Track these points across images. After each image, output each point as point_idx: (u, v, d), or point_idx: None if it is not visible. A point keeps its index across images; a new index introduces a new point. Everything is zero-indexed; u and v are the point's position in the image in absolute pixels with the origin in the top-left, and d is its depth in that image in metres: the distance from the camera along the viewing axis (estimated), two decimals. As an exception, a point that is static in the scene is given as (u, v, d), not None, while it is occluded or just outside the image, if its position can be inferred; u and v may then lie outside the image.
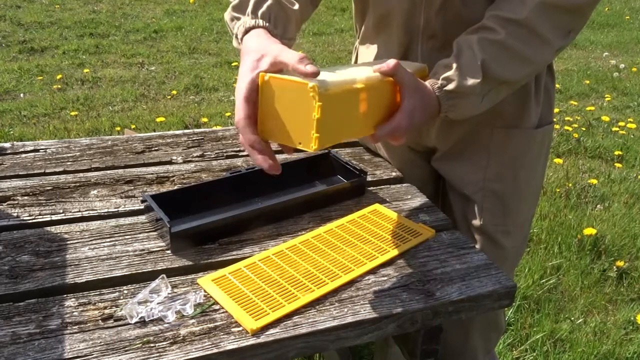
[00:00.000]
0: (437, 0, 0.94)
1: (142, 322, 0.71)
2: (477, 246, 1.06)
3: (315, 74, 0.71)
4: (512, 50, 0.85)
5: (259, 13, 0.86)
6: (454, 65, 0.86)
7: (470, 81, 0.85)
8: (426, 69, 0.93)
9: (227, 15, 0.91)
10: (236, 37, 0.87)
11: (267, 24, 0.85)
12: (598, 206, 2.70)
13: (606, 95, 4.33)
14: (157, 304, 0.74)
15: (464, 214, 1.09)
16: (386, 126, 0.80)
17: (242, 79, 0.75)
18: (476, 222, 1.06)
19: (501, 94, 0.90)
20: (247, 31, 0.85)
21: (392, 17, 0.99)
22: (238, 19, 0.88)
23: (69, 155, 1.14)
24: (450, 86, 0.85)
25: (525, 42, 0.85)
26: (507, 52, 0.85)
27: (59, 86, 4.00)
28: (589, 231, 2.32)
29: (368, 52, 1.08)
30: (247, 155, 1.17)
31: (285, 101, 0.73)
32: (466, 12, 0.92)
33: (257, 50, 0.77)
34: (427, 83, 0.87)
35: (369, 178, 1.09)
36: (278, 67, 0.75)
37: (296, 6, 0.91)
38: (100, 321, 0.71)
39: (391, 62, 0.79)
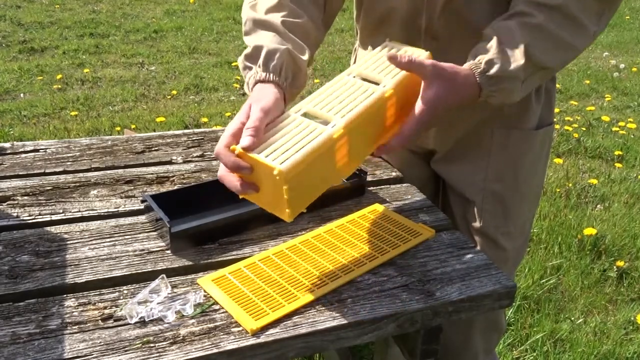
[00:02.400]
0: (440, 1, 0.94)
1: (142, 322, 0.71)
2: (478, 248, 1.06)
3: (250, 147, 0.72)
4: (551, 34, 0.84)
5: (270, 66, 0.86)
6: (496, 49, 0.84)
7: (514, 65, 0.83)
8: (430, 56, 0.91)
9: (240, 62, 0.91)
10: (247, 84, 0.89)
11: (276, 78, 0.86)
12: (598, 206, 2.70)
13: (606, 95, 4.33)
14: (157, 304, 0.74)
15: (464, 216, 1.09)
16: (407, 127, 0.80)
17: (235, 120, 0.79)
18: (476, 223, 1.06)
19: (537, 81, 0.89)
20: (256, 83, 0.86)
21: (393, 17, 0.99)
22: (250, 68, 0.89)
23: (69, 155, 1.14)
24: (493, 70, 0.83)
25: (562, 26, 0.84)
26: (547, 36, 0.84)
27: (59, 86, 4.00)
28: (589, 231, 2.32)
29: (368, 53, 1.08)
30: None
31: (258, 174, 0.74)
32: (469, 14, 0.91)
33: (253, 100, 0.81)
34: (466, 66, 0.84)
35: (369, 178, 1.09)
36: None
37: (306, 56, 0.92)
38: (100, 321, 0.71)
39: (405, 57, 0.79)
